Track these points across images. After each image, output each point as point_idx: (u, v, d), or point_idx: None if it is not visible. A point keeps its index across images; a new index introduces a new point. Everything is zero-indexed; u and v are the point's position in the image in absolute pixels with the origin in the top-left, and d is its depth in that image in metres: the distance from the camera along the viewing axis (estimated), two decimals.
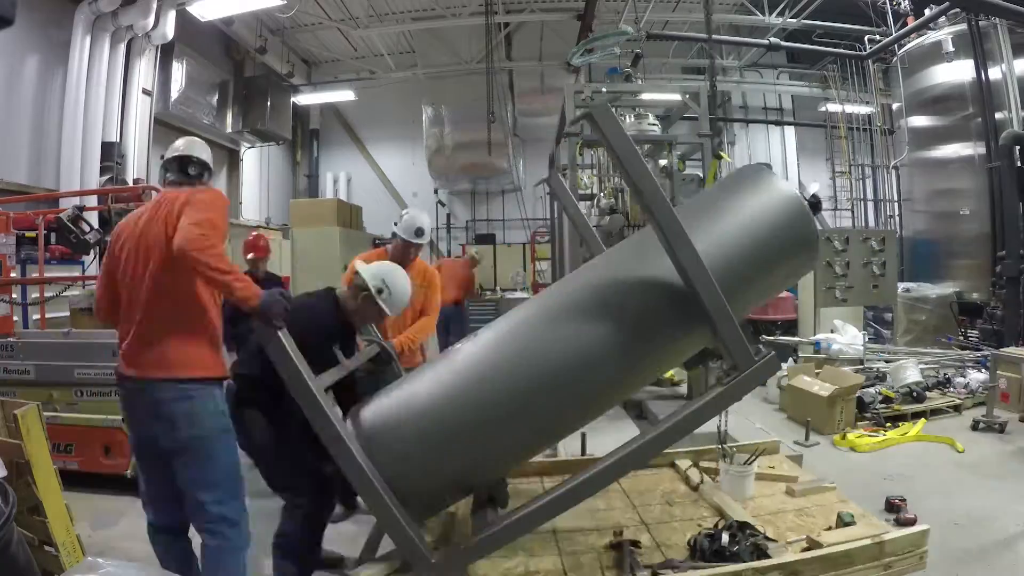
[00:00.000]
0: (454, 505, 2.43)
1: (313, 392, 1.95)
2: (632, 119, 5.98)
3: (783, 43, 10.32)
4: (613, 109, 1.96)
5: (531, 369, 2.03)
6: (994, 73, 8.20)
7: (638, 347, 2.06)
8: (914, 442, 4.72)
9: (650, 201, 1.89)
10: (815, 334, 6.90)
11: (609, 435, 4.30)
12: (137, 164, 7.94)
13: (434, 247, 13.42)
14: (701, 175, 5.19)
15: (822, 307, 6.91)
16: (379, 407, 2.19)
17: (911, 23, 9.17)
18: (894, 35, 9.58)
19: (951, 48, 8.56)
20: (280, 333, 1.96)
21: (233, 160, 11.77)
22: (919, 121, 9.48)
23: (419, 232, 3.60)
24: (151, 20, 7.62)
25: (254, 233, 5.14)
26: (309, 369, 1.99)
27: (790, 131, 13.14)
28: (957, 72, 8.58)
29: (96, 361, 4.01)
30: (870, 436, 4.74)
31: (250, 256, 4.89)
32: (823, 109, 12.88)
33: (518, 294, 10.34)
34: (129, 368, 2.23)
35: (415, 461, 2.02)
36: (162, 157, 2.57)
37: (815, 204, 2.41)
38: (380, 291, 2.68)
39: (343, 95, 12.58)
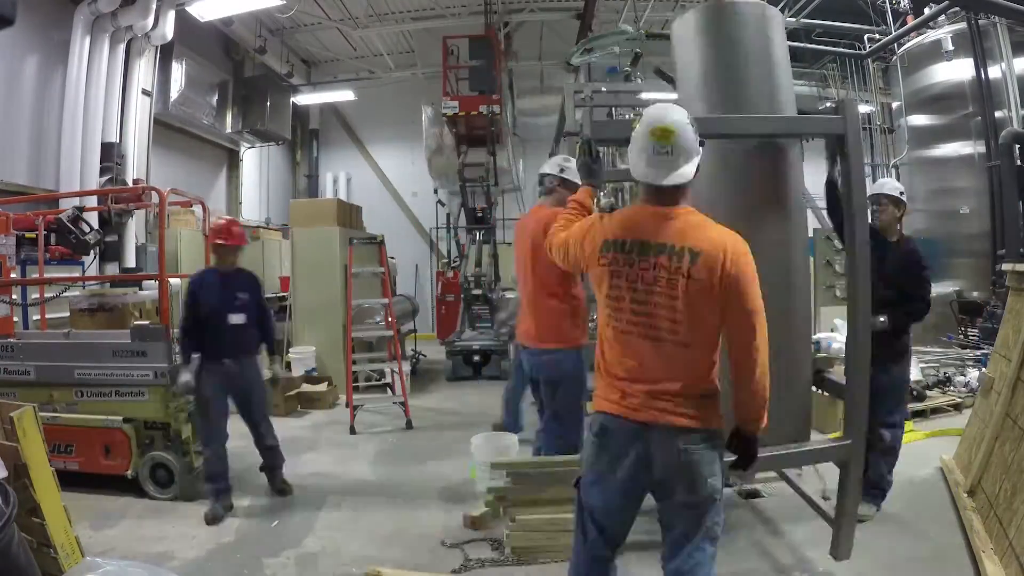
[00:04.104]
0: None
1: None
2: (632, 117, 5.98)
3: None
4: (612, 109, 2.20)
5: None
6: (994, 72, 8.19)
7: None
8: (922, 440, 4.75)
9: None
10: (815, 333, 6.89)
11: None
12: (137, 164, 7.92)
13: (434, 247, 13.44)
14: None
15: (822, 306, 6.91)
16: None
17: (911, 22, 9.16)
18: (894, 34, 9.56)
19: (951, 47, 8.55)
20: None
21: (233, 160, 11.76)
22: (919, 120, 9.47)
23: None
24: (150, 20, 7.60)
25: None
26: None
27: None
28: (957, 71, 8.57)
29: (96, 361, 4.02)
30: None
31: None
32: (823, 108, 12.85)
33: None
34: None
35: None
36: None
37: None
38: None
39: (343, 95, 12.57)
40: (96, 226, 5.46)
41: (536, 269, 3.24)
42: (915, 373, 5.67)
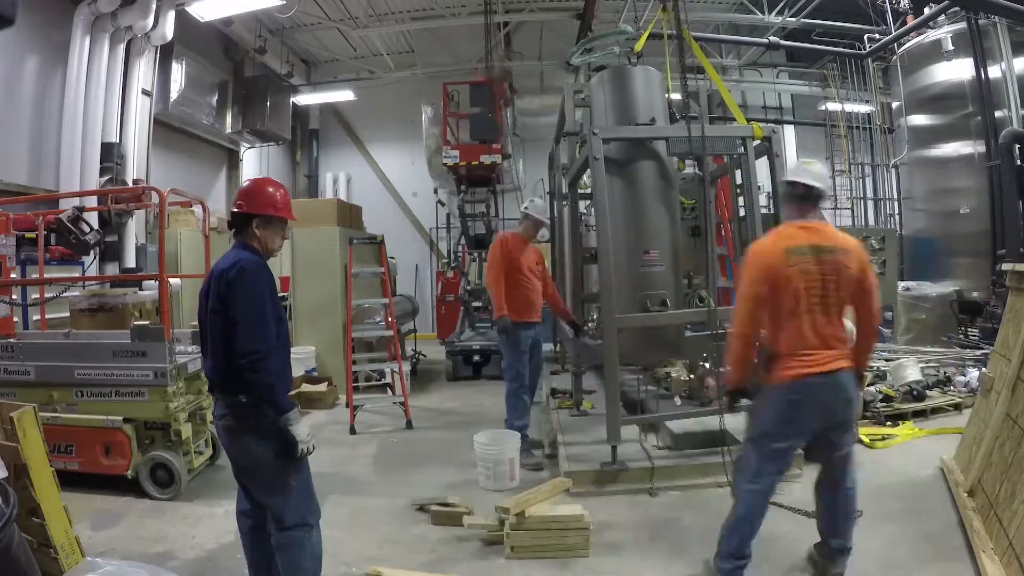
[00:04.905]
0: None
1: None
2: None
3: (782, 42, 10.29)
4: None
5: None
6: (994, 71, 8.19)
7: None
8: (923, 439, 4.76)
9: None
10: None
11: None
12: (137, 164, 7.91)
13: (434, 247, 13.44)
14: (699, 173, 5.20)
15: None
16: None
17: (910, 22, 9.16)
18: (894, 34, 9.56)
19: (950, 46, 8.55)
20: None
21: (233, 160, 11.76)
22: (919, 120, 9.47)
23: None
24: (150, 21, 7.60)
25: None
26: None
27: (790, 130, 13.12)
28: (957, 70, 8.57)
29: (96, 362, 4.01)
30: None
31: None
32: (823, 108, 12.86)
33: None
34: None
35: None
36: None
37: None
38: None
39: (343, 95, 12.58)
40: (96, 226, 5.45)
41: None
42: (915, 373, 5.67)
